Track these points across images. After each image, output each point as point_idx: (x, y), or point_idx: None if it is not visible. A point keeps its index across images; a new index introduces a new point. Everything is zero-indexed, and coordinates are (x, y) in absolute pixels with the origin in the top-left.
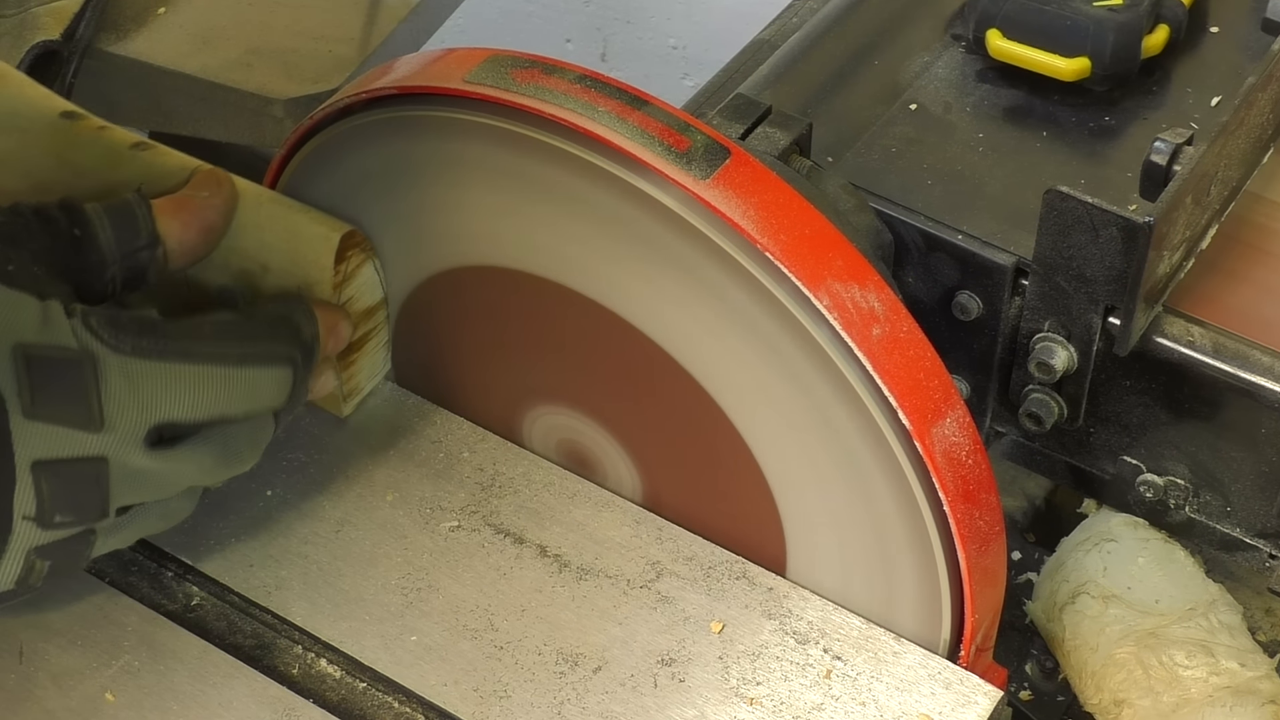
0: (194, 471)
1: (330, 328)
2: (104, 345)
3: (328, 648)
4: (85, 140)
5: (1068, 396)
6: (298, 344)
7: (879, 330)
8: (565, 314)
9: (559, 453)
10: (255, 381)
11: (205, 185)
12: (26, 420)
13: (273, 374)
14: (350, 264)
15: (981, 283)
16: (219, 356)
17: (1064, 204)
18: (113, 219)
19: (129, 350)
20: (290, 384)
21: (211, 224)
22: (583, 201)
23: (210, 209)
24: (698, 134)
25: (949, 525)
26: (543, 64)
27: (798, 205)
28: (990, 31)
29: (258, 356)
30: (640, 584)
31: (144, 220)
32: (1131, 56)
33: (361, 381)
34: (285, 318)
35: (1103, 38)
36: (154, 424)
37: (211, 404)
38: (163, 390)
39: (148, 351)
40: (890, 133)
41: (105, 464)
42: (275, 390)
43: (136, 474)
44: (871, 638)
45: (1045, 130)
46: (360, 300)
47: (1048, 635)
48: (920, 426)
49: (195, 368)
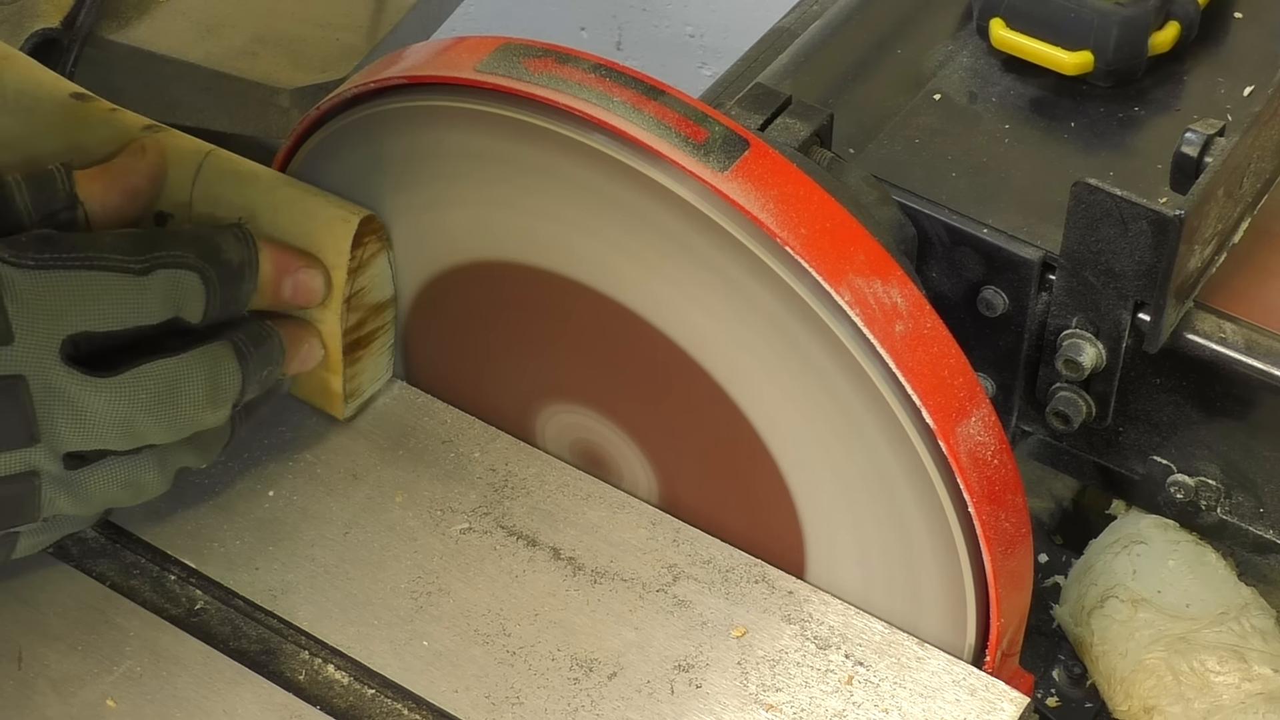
0: (134, 409)
1: (290, 269)
2: (4, 264)
3: (335, 653)
4: (96, 121)
5: (1096, 395)
6: (212, 260)
7: (902, 327)
8: (579, 310)
9: (573, 453)
10: (163, 287)
11: (131, 153)
12: None
13: (178, 277)
14: (366, 251)
15: (1007, 278)
16: (121, 263)
17: (1092, 197)
18: (30, 183)
19: (31, 264)
20: (202, 293)
21: (134, 187)
22: (597, 194)
23: (134, 172)
24: (715, 125)
25: (974, 527)
26: (556, 53)
27: (818, 198)
28: (994, 21)
29: (160, 261)
30: (657, 587)
31: (62, 184)
32: (1137, 53)
33: (364, 383)
34: (202, 236)
35: (1107, 32)
36: (66, 335)
37: (118, 311)
38: (68, 299)
39: (48, 263)
40: (914, 123)
41: (22, 381)
42: (187, 299)
43: (63, 399)
44: (894, 643)
45: (1073, 121)
46: (371, 294)
47: (1075, 640)
48: (944, 426)
49: (99, 275)
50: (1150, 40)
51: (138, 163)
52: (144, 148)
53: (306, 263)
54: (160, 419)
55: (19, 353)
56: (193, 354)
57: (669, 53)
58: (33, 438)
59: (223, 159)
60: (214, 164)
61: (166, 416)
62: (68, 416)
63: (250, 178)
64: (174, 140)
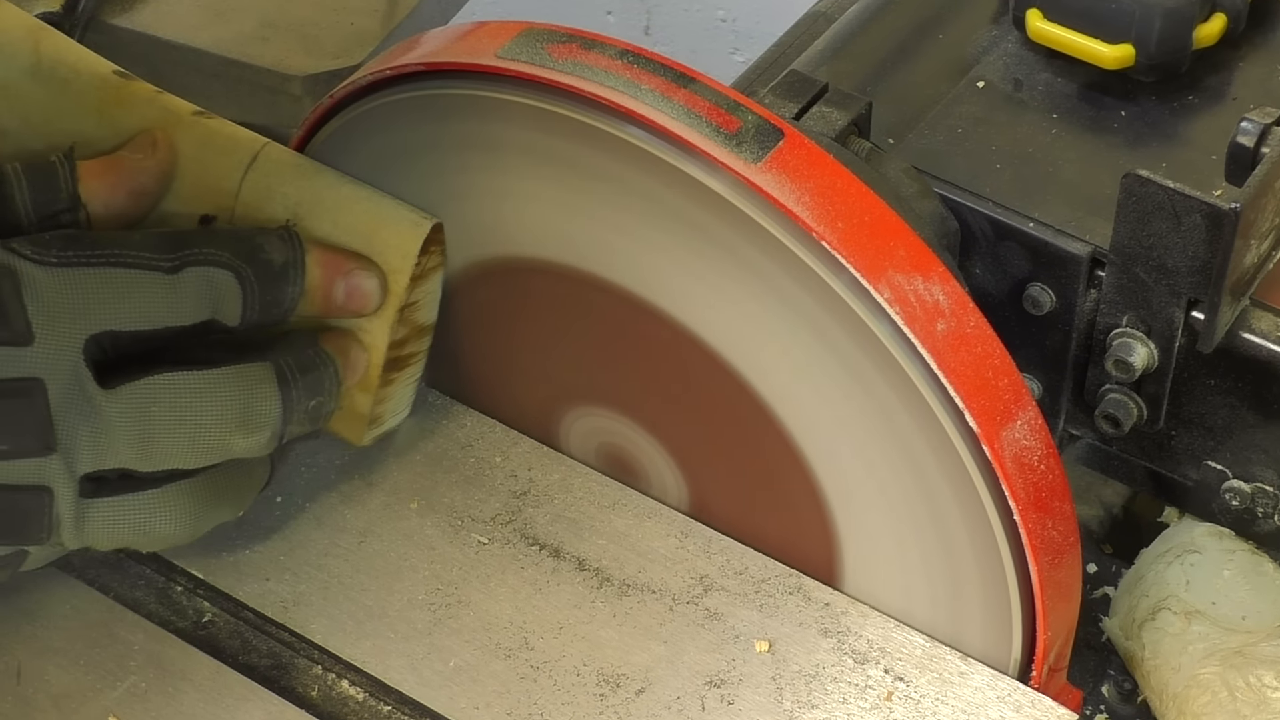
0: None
1: (342, 272)
2: (27, 260)
3: (350, 668)
4: (139, 102)
5: (1147, 397)
6: (250, 260)
7: (944, 325)
8: (605, 308)
9: (599, 458)
10: (194, 286)
11: (140, 147)
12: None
13: (211, 276)
14: (430, 261)
15: (1054, 274)
16: (150, 261)
17: (1144, 189)
18: (31, 179)
19: (54, 261)
20: (238, 293)
21: (142, 187)
22: (624, 187)
23: (142, 171)
24: (748, 114)
25: (1019, 536)
26: (581, 38)
27: (856, 190)
28: (1030, 11)
29: (194, 260)
30: (687, 599)
31: (65, 181)
32: (1180, 46)
33: (389, 411)
34: (240, 236)
35: (1149, 24)
36: (91, 334)
37: (148, 310)
38: (92, 297)
39: (72, 260)
40: (956, 112)
41: (40, 384)
42: (222, 299)
43: (81, 403)
44: (936, 657)
45: (1123, 109)
46: (421, 312)
47: (1126, 654)
48: (989, 429)
49: (125, 273)
50: (1195, 33)
51: (147, 160)
52: (154, 142)
53: (360, 264)
54: (181, 437)
55: (39, 354)
56: (225, 369)
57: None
58: (48, 446)
59: (280, 151)
60: (271, 155)
61: (188, 435)
62: (85, 425)
63: (311, 171)
64: (225, 127)
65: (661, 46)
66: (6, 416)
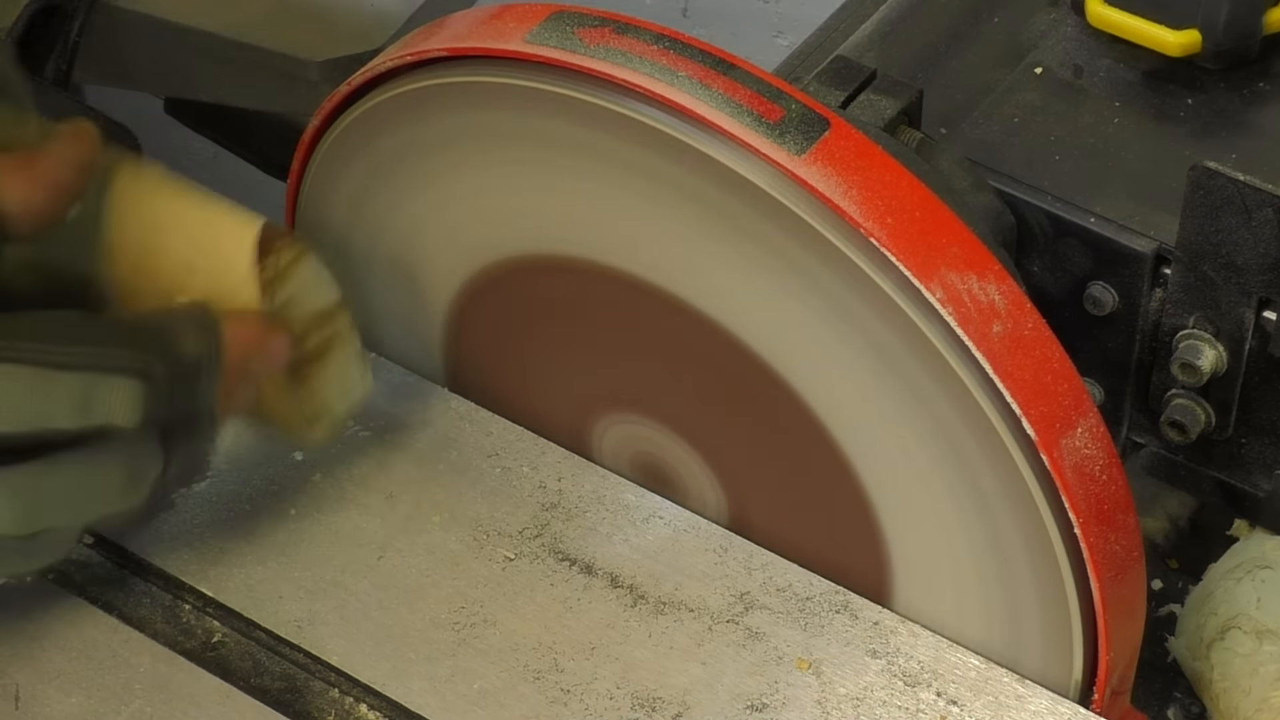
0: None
1: (254, 341)
2: None
3: (368, 691)
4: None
5: (1216, 402)
6: (163, 356)
7: (1000, 327)
8: (639, 309)
9: (633, 468)
10: (84, 390)
11: (61, 138)
12: None
13: (110, 384)
14: (281, 259)
15: (1117, 272)
16: (36, 356)
17: (1212, 182)
18: None
19: None
20: (140, 400)
21: (63, 182)
22: (660, 180)
23: (61, 165)
24: (792, 102)
25: (1080, 550)
26: (615, 22)
27: (906, 184)
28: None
29: (89, 362)
30: (726, 618)
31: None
32: (1250, 32)
33: (330, 399)
34: (154, 327)
35: (1216, 8)
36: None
37: (25, 412)
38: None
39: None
40: (1012, 100)
41: None
42: (118, 405)
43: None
44: (992, 679)
45: (1190, 98)
46: (303, 302)
47: (1193, 676)
48: (1047, 437)
49: (3, 367)
50: (1265, 17)
51: (65, 153)
52: (77, 134)
53: (270, 329)
54: (66, 513)
55: None
56: (111, 446)
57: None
58: None
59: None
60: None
61: (74, 510)
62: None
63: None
64: None
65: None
66: None
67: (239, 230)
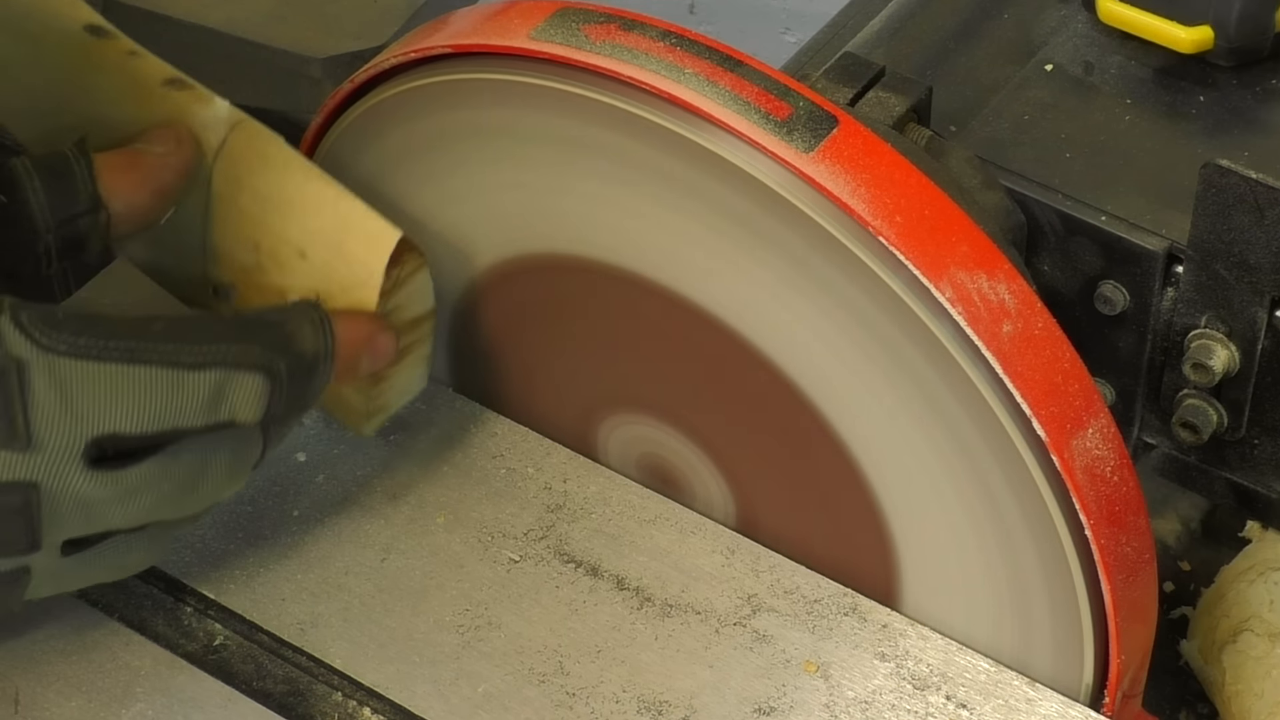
0: (152, 499)
1: (365, 340)
2: (35, 345)
3: (372, 694)
4: (110, 65)
5: (1228, 402)
6: (284, 352)
7: (1010, 327)
8: (645, 308)
9: (640, 469)
10: (216, 389)
11: (162, 140)
12: None
13: (239, 381)
14: (404, 269)
15: (1128, 271)
16: (170, 357)
17: (1224, 180)
18: (45, 179)
19: (64, 350)
20: (265, 396)
21: (165, 185)
22: (665, 178)
23: (165, 168)
24: (800, 99)
25: (1091, 552)
26: (621, 18)
27: (916, 182)
28: None
29: (220, 360)
30: (734, 621)
31: (83, 181)
32: (1262, 28)
33: (391, 399)
34: (273, 323)
35: (1228, 4)
36: (93, 438)
37: (159, 414)
38: (101, 397)
39: (85, 351)
40: (1022, 98)
41: (35, 490)
42: (244, 402)
43: (76, 501)
44: (1002, 682)
45: (1202, 95)
46: (407, 310)
47: (1205, 679)
48: (1058, 438)
49: (139, 370)
50: (1277, 14)
51: (170, 157)
52: (178, 137)
53: (380, 328)
54: (176, 507)
55: (36, 460)
56: (220, 435)
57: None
58: (34, 545)
59: (252, 134)
60: (241, 140)
61: (184, 503)
62: (77, 517)
63: (280, 162)
64: (194, 103)
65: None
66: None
67: (376, 236)
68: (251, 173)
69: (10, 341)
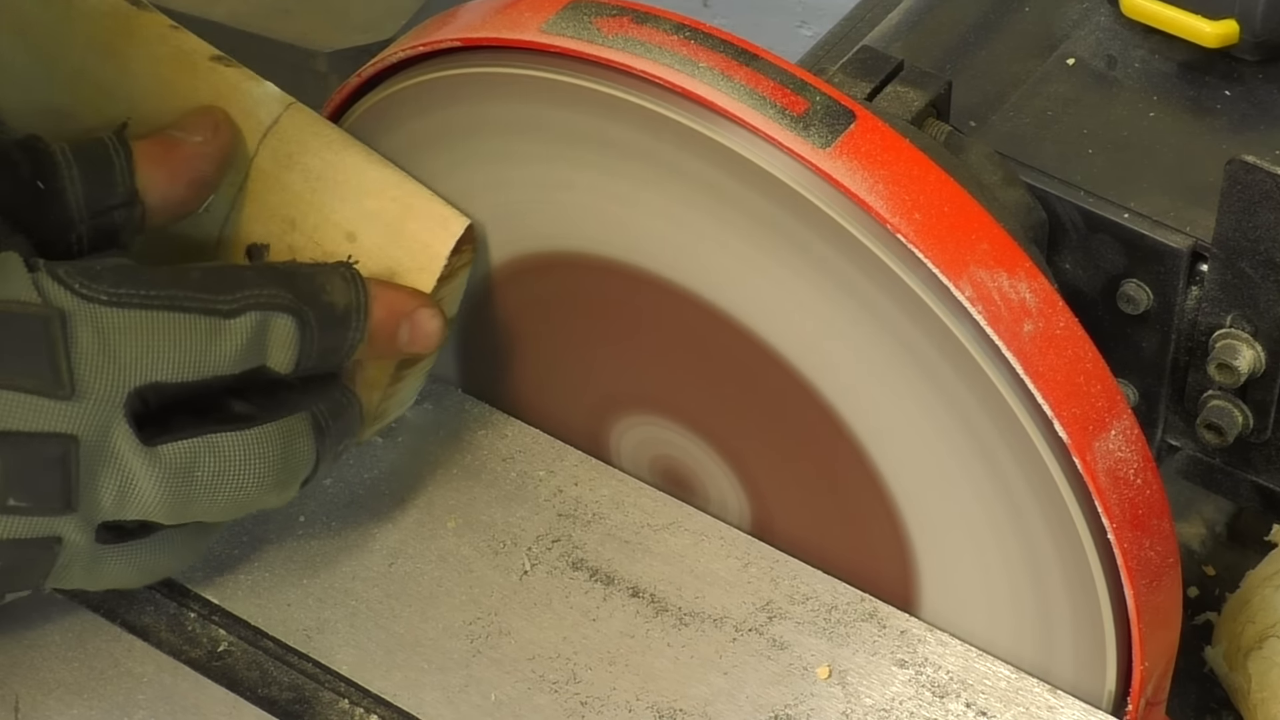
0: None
1: (408, 312)
2: (75, 295)
3: (379, 701)
4: (150, 35)
5: (1254, 404)
6: (314, 302)
7: (1031, 326)
8: (658, 307)
9: (653, 471)
10: (251, 334)
11: (200, 127)
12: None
13: (272, 324)
14: (459, 261)
15: (1152, 269)
16: (208, 305)
17: (1250, 177)
18: (84, 168)
19: (105, 300)
20: (296, 342)
21: (203, 175)
22: (680, 174)
23: (203, 158)
24: (817, 94)
25: (1114, 557)
26: (634, 11)
27: (935, 178)
28: None
29: (254, 304)
30: (749, 627)
31: (122, 172)
32: None
33: (394, 406)
34: (304, 274)
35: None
36: (135, 388)
37: (198, 360)
38: (142, 345)
39: (126, 300)
40: (1043, 92)
41: (74, 443)
42: (277, 346)
43: (114, 465)
44: (1023, 690)
45: (1227, 90)
46: (445, 308)
47: (1230, 686)
48: (1080, 440)
49: (182, 318)
50: None
51: (207, 145)
52: (215, 124)
53: (422, 302)
54: (217, 499)
55: (77, 410)
56: (267, 428)
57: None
58: (68, 506)
59: (305, 116)
60: (295, 119)
61: (225, 497)
62: (114, 486)
63: (338, 144)
64: (245, 81)
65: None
66: (31, 474)
67: (444, 219)
68: (306, 151)
69: (52, 294)
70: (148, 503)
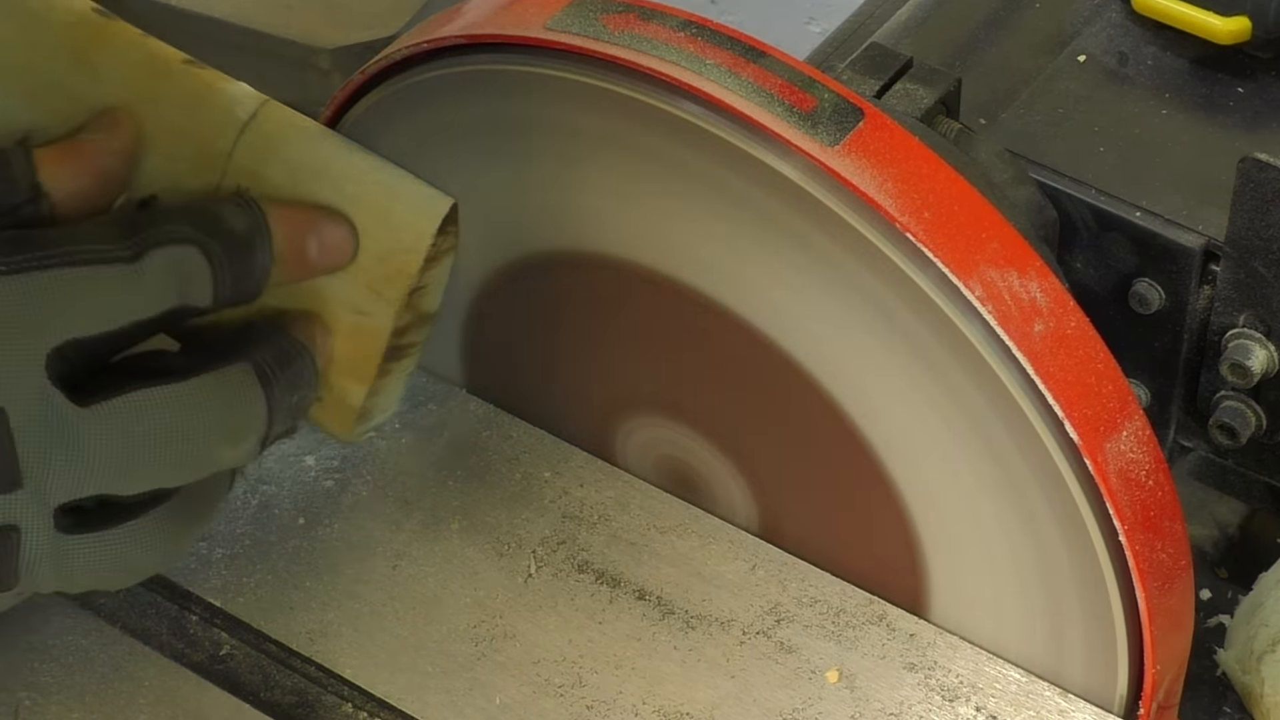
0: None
1: (307, 223)
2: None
3: (383, 705)
4: (121, 43)
5: (1267, 404)
6: (214, 232)
7: (1042, 326)
8: (664, 306)
9: (659, 472)
10: (159, 271)
11: (101, 127)
12: None
13: (176, 255)
14: (444, 243)
15: (1164, 269)
16: (107, 254)
17: (1263, 175)
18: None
19: (3, 269)
20: (207, 270)
21: (107, 170)
22: (687, 172)
23: (106, 154)
24: (825, 91)
25: (1125, 559)
26: (640, 8)
27: (944, 176)
28: None
29: (154, 242)
30: (757, 630)
31: (23, 170)
32: None
33: (381, 404)
34: (195, 208)
35: None
36: (53, 348)
37: (113, 308)
38: (50, 305)
39: (24, 265)
40: (1054, 90)
41: (2, 415)
42: (190, 280)
43: (50, 428)
44: (1033, 693)
45: (1240, 87)
46: (427, 298)
47: (1243, 690)
48: (1091, 441)
49: (84, 270)
50: None
51: (110, 140)
52: (117, 120)
53: (324, 214)
54: (167, 454)
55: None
56: (203, 378)
57: (771, 7)
58: (13, 482)
59: (282, 111)
60: (271, 114)
61: (175, 452)
62: (59, 451)
63: (316, 135)
64: (219, 81)
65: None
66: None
67: (429, 200)
68: (286, 144)
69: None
70: (93, 465)
